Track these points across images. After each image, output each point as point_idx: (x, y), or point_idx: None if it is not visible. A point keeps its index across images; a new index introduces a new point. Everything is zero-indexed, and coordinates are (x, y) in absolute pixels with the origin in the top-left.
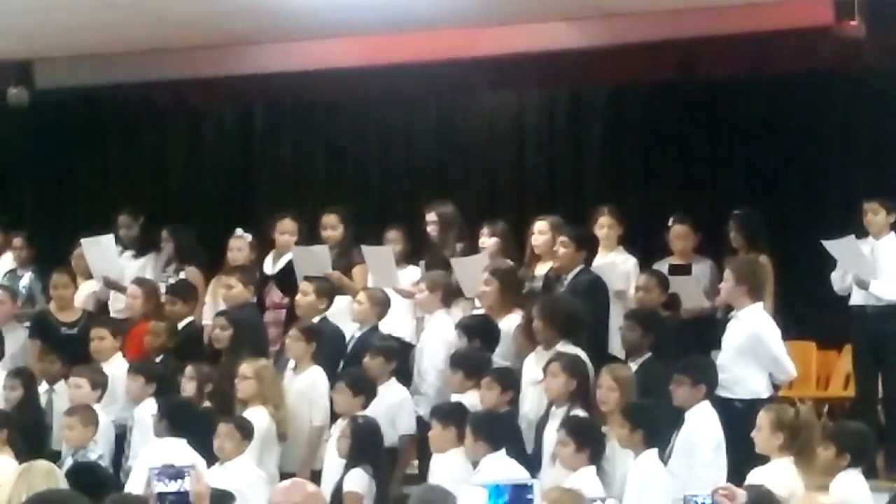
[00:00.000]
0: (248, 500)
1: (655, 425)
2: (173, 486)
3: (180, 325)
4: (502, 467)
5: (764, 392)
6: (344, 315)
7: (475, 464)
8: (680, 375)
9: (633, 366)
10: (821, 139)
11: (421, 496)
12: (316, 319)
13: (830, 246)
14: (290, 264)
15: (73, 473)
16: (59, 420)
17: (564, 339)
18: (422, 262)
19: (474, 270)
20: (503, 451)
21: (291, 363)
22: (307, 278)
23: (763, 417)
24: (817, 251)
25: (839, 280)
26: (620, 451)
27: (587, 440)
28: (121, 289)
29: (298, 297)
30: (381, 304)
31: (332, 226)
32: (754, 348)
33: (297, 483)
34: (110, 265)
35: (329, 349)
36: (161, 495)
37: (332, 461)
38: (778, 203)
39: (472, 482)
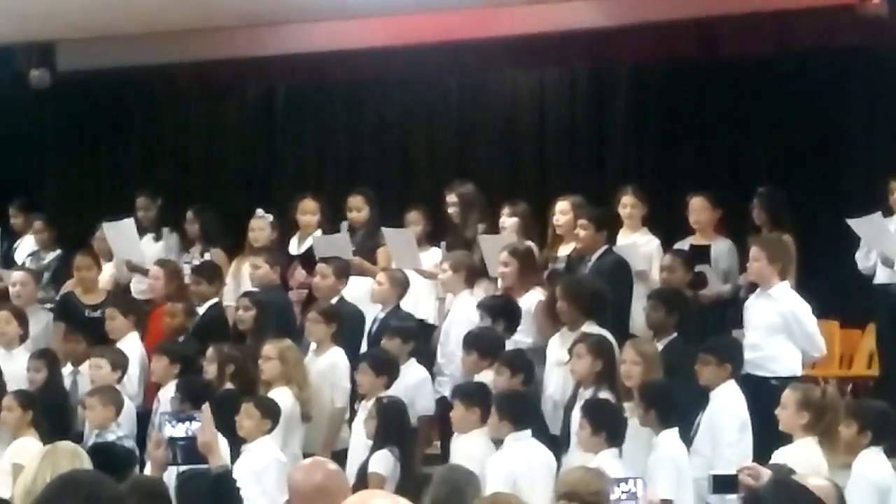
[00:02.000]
0: (264, 482)
1: (671, 405)
2: (183, 430)
3: (205, 306)
4: (526, 448)
5: (799, 370)
6: (367, 298)
7: (497, 443)
8: (705, 355)
9: (659, 346)
10: (844, 118)
11: (444, 476)
12: (334, 300)
13: (855, 224)
14: None
15: (92, 454)
16: None
17: (589, 319)
18: (443, 243)
19: (499, 249)
20: (528, 431)
21: (313, 345)
22: (323, 260)
23: (789, 396)
24: (840, 230)
25: (863, 259)
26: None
27: (603, 423)
28: (143, 271)
29: (317, 279)
30: (401, 285)
31: (357, 207)
32: (789, 326)
33: (318, 461)
34: (132, 248)
35: (349, 330)
36: (172, 440)
37: (358, 441)
38: (801, 181)
39: (494, 461)
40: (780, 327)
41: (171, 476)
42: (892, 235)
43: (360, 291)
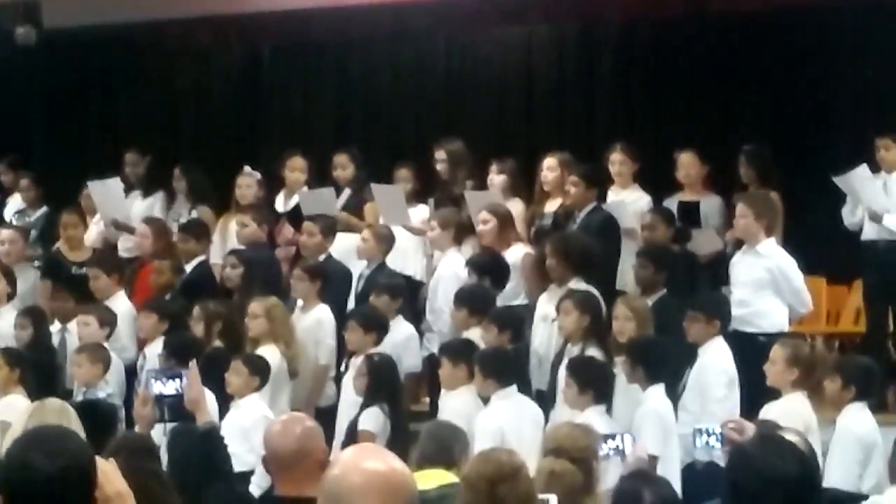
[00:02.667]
0: (252, 439)
1: (658, 361)
2: (170, 387)
3: (192, 264)
4: (513, 404)
5: (786, 326)
6: (353, 254)
7: (485, 400)
8: (693, 312)
9: (649, 303)
10: (832, 74)
11: (431, 432)
12: (321, 258)
13: (841, 181)
14: None
15: (78, 411)
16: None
17: (577, 276)
18: (431, 200)
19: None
20: (514, 387)
21: (300, 302)
22: (310, 218)
23: (778, 352)
24: (827, 186)
25: (849, 215)
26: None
27: (589, 380)
28: (129, 230)
29: (304, 237)
30: (387, 241)
31: (342, 165)
32: (776, 282)
33: (296, 417)
34: (118, 207)
35: (336, 287)
36: (159, 397)
37: (347, 398)
38: (788, 138)
39: (482, 418)
40: (768, 283)
41: (160, 433)
42: (878, 189)
43: (346, 246)
